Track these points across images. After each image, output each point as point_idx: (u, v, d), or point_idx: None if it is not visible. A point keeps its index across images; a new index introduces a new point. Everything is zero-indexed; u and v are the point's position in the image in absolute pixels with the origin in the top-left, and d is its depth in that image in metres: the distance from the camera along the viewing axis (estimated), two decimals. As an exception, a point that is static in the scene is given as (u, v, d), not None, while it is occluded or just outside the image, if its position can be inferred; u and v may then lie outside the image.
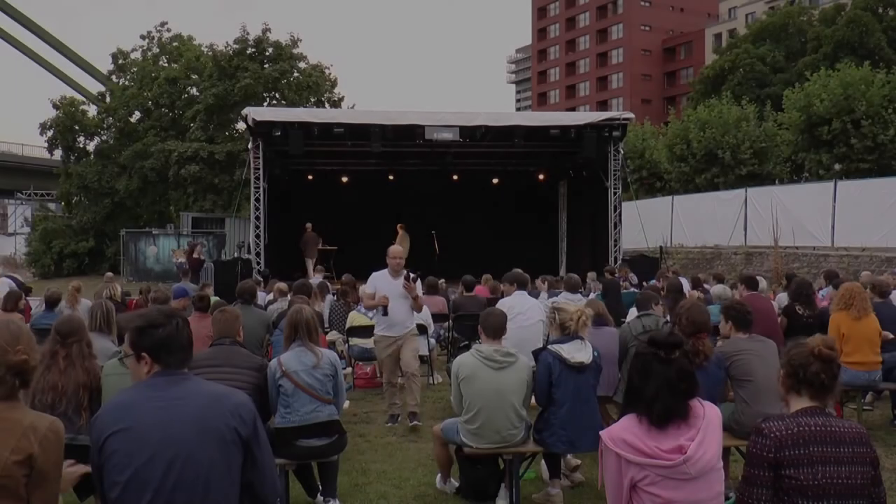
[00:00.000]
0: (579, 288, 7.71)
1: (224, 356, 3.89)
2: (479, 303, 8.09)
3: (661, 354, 2.20)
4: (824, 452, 2.10)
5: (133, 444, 1.97)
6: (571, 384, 4.09)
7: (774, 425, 2.15)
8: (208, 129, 28.99)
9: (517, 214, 19.08)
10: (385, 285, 5.93)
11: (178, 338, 2.13)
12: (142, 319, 2.16)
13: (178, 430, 2.00)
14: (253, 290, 6.54)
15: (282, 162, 17.01)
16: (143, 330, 2.13)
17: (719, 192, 22.93)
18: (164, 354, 2.10)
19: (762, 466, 2.12)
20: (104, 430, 2.00)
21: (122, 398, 2.09)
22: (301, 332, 4.06)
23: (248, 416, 2.09)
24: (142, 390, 2.08)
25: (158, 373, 2.11)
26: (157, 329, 2.11)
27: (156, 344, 2.11)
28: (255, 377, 3.88)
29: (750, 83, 37.83)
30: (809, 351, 2.22)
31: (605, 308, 5.35)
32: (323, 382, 4.01)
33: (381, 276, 6.01)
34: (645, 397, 2.16)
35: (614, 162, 15.17)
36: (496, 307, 4.78)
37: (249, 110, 14.28)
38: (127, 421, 2.00)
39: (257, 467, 2.11)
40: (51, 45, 37.95)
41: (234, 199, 24.05)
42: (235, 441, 2.05)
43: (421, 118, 14.31)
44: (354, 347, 7.35)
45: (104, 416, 2.04)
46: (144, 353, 2.11)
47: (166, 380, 2.09)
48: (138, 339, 2.13)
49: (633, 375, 2.22)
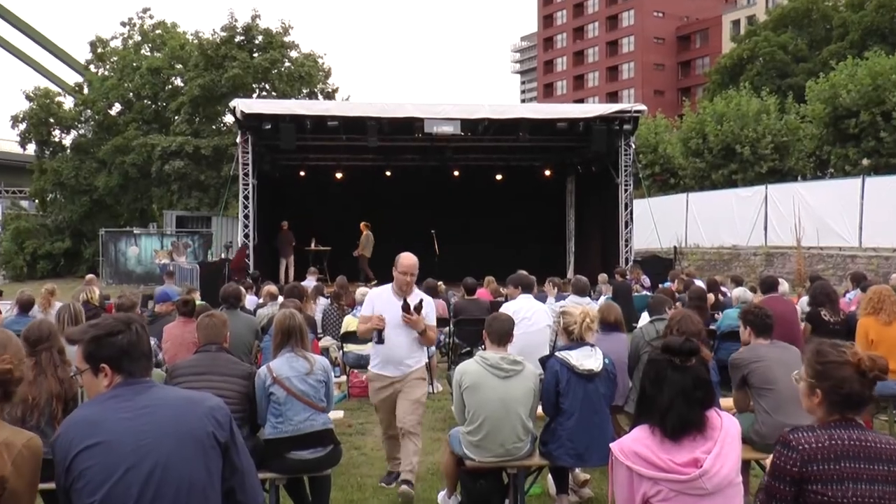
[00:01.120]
0: (588, 291, 7.71)
1: (209, 363, 3.89)
2: (482, 307, 8.09)
3: (675, 361, 2.19)
4: (857, 469, 2.06)
5: (105, 459, 1.95)
6: (580, 393, 4.08)
7: (803, 437, 2.12)
8: (194, 122, 29.02)
9: (522, 213, 19.08)
10: (387, 308, 4.66)
11: (139, 345, 2.11)
12: (97, 328, 2.14)
13: (152, 440, 1.99)
14: (238, 293, 6.54)
15: (272, 157, 17.01)
16: (100, 339, 2.10)
17: (738, 189, 22.93)
18: (126, 363, 2.09)
19: (785, 480, 2.10)
20: (70, 448, 1.97)
21: (85, 412, 2.07)
22: (293, 339, 4.07)
23: (224, 420, 2.09)
24: (106, 402, 2.06)
25: (121, 383, 2.09)
26: (117, 336, 2.09)
27: (117, 353, 2.09)
28: (242, 385, 3.88)
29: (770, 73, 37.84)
30: (854, 366, 2.13)
31: (620, 312, 5.34)
32: (317, 389, 4.02)
33: (383, 295, 4.79)
34: (658, 407, 2.16)
35: (625, 157, 15.17)
36: (502, 312, 4.78)
37: (238, 102, 14.29)
38: (95, 436, 1.97)
39: (237, 474, 2.11)
40: (23, 32, 37.95)
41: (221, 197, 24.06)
42: (214, 446, 2.05)
43: (420, 111, 14.32)
44: (349, 354, 7.35)
45: (68, 433, 2.00)
46: (104, 363, 2.09)
47: (131, 389, 2.07)
48: (96, 349, 2.10)
49: (646, 383, 2.22)
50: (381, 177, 18.46)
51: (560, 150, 17.80)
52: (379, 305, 4.72)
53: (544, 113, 15.29)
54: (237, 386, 3.85)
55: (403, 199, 18.30)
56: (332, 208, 18.00)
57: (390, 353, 4.69)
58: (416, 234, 17.27)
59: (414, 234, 17.49)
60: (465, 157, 18.16)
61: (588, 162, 17.33)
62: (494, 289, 9.92)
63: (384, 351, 4.69)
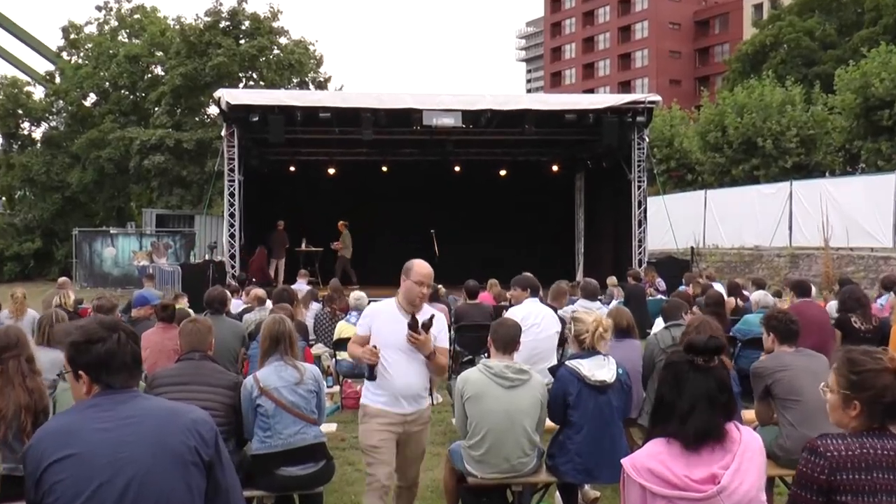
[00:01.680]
0: (598, 294, 7.72)
1: (192, 373, 3.89)
2: (484, 312, 8.10)
3: (698, 361, 2.18)
4: (891, 481, 2.06)
5: (78, 472, 1.96)
6: (591, 405, 4.09)
7: (832, 443, 2.12)
8: (175, 113, 29.06)
9: (527, 211, 19.08)
10: (390, 327, 3.95)
11: (119, 354, 2.11)
12: (79, 333, 2.15)
13: (129, 453, 1.99)
14: (223, 297, 6.55)
15: (260, 151, 17.01)
16: (79, 345, 2.11)
17: (760, 186, 22.96)
18: (104, 374, 2.09)
19: (811, 489, 2.10)
20: (42, 459, 1.97)
21: (60, 422, 2.09)
22: (282, 346, 4.07)
23: (208, 435, 2.09)
24: (83, 412, 2.07)
25: (100, 392, 2.10)
26: (96, 344, 2.09)
27: (94, 362, 2.09)
28: (228, 397, 3.88)
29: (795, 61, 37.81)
30: (894, 372, 2.13)
31: (632, 318, 5.35)
32: (308, 400, 4.02)
33: (385, 312, 4.03)
34: (678, 413, 2.15)
35: (638, 151, 15.18)
36: (508, 317, 4.78)
37: (223, 92, 14.31)
38: (69, 447, 1.98)
39: (222, 493, 2.11)
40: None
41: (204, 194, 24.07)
42: (196, 462, 2.05)
43: (418, 101, 14.33)
44: (343, 362, 7.35)
45: (41, 444, 2.01)
46: (82, 371, 2.10)
47: (111, 399, 2.08)
48: (75, 355, 2.12)
49: (664, 389, 2.21)
50: (377, 172, 18.47)
51: (568, 144, 17.80)
52: (379, 325, 3.98)
53: (551, 104, 15.30)
54: (222, 397, 3.85)
55: (400, 197, 18.30)
56: (324, 206, 18.01)
57: (403, 385, 3.93)
58: (415, 233, 17.28)
59: (412, 233, 17.51)
60: (466, 152, 18.16)
61: (598, 157, 17.33)
62: (498, 292, 9.92)
63: (393, 384, 3.92)
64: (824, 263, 17.07)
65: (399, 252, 21.43)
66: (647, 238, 15.48)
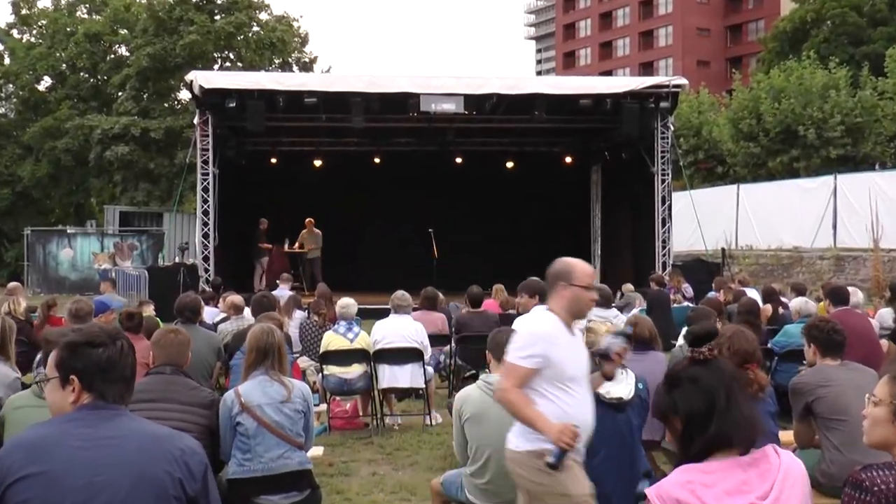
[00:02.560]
0: (611, 301, 7.73)
1: (162, 388, 3.89)
2: (489, 321, 8.10)
3: (703, 354, 2.19)
4: None
5: (45, 494, 1.96)
6: (607, 426, 4.07)
7: (879, 475, 2.08)
8: (141, 99, 29.10)
9: (537, 208, 19.11)
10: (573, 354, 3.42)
11: (120, 364, 2.14)
12: (78, 335, 2.18)
13: (106, 477, 2.00)
14: (196, 305, 6.57)
15: (237, 141, 17.03)
16: (76, 347, 2.14)
17: (800, 180, 22.97)
18: (99, 381, 2.11)
19: None
20: (7, 475, 1.98)
21: (32, 434, 2.09)
22: (269, 359, 4.09)
23: (197, 468, 2.10)
24: (61, 425, 2.08)
25: (88, 405, 2.11)
26: (97, 349, 2.12)
27: (92, 366, 2.11)
28: (203, 416, 3.88)
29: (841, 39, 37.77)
30: None
31: (654, 328, 5.36)
32: (294, 421, 4.03)
33: (557, 333, 3.40)
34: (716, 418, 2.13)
35: (662, 141, 15.21)
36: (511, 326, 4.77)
37: (195, 75, 14.34)
38: (38, 464, 1.99)
39: None
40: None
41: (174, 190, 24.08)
42: (179, 497, 2.06)
43: (415, 85, 14.36)
44: (330, 378, 7.36)
45: (8, 457, 2.02)
46: (74, 375, 2.12)
47: (96, 414, 2.09)
48: (69, 357, 2.13)
49: (690, 400, 2.19)
50: (369, 164, 18.50)
51: (583, 133, 17.81)
52: (561, 355, 3.31)
53: (564, 88, 15.33)
54: (196, 417, 3.86)
55: (395, 192, 18.32)
56: (309, 203, 18.01)
57: (585, 423, 3.43)
58: (411, 233, 17.31)
59: (408, 233, 17.56)
60: (469, 141, 18.17)
61: (617, 147, 17.35)
62: (504, 299, 9.93)
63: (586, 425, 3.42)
64: (874, 267, 17.08)
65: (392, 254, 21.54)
66: (671, 238, 15.50)
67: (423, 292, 8.72)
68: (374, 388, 7.39)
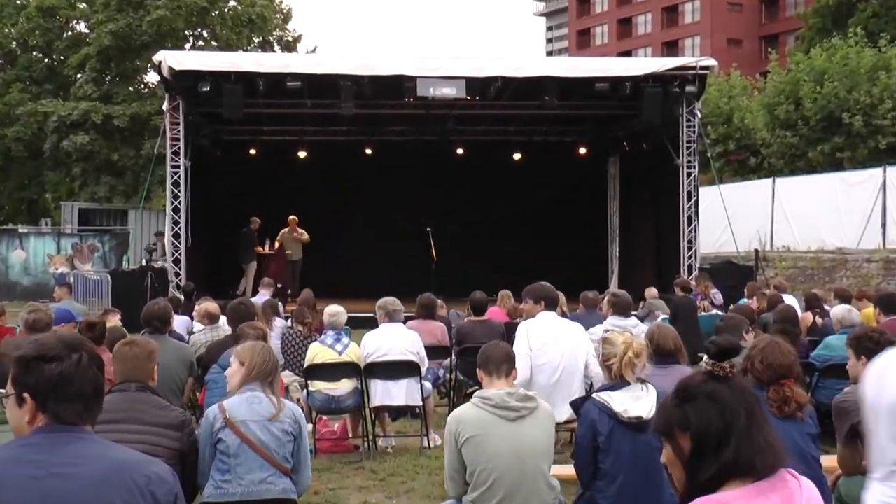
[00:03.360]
0: (630, 308, 7.74)
1: (126, 408, 3.89)
2: (494, 331, 8.12)
3: (724, 369, 2.19)
4: None
5: None
6: (626, 448, 4.11)
7: None
8: (103, 82, 29.11)
9: (548, 205, 19.12)
10: None
11: (76, 380, 2.11)
12: (30, 347, 2.16)
13: None
14: (166, 313, 6.58)
15: (212, 129, 17.05)
16: (28, 362, 2.12)
17: (844, 173, 22.93)
18: (52, 401, 2.09)
19: None
20: None
21: None
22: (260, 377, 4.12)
23: (165, 497, 2.10)
24: (16, 450, 2.07)
25: (43, 427, 2.10)
26: (50, 364, 2.10)
27: (44, 383, 2.10)
28: (173, 439, 3.88)
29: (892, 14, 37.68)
30: None
31: (679, 339, 5.38)
32: (281, 442, 4.04)
33: None
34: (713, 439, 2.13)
35: (688, 130, 15.23)
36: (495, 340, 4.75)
37: (165, 55, 14.36)
38: None
39: None
40: None
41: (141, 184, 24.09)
42: None
43: (411, 67, 14.38)
44: (316, 395, 7.36)
45: None
46: (27, 393, 2.11)
47: (52, 438, 2.08)
48: (22, 373, 2.12)
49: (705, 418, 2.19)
50: (359, 156, 18.50)
51: (599, 121, 17.83)
52: None
53: (578, 70, 15.35)
54: (165, 439, 3.86)
55: (389, 187, 18.34)
56: (292, 198, 18.04)
57: None
58: (407, 232, 17.32)
59: (403, 232, 17.56)
60: (471, 130, 18.18)
61: (637, 136, 17.36)
62: (512, 307, 9.93)
63: None
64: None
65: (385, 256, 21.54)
66: (698, 238, 15.51)
67: (419, 299, 8.73)
68: (365, 406, 7.39)
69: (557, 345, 6.14)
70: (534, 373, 6.04)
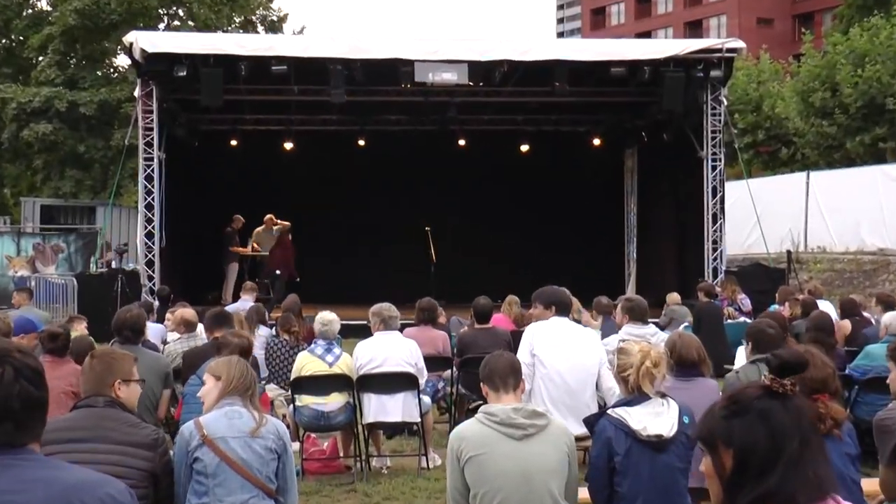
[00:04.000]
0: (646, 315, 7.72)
1: (92, 425, 3.88)
2: (500, 340, 8.11)
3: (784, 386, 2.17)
4: None
5: None
6: (645, 470, 4.11)
7: None
8: (68, 65, 29.12)
9: (559, 201, 19.11)
10: None
11: (1, 396, 2.06)
12: None
13: None
14: (139, 322, 6.58)
15: (188, 118, 17.05)
16: None
17: (887, 166, 22.94)
18: None
19: None
20: None
21: None
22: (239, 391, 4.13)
23: None
24: None
25: None
26: None
27: None
28: (144, 459, 3.87)
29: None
30: None
31: (702, 348, 5.38)
32: (264, 460, 4.04)
33: None
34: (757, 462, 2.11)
35: (713, 119, 15.23)
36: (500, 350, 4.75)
37: (136, 36, 14.36)
38: None
39: None
40: None
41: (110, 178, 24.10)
42: None
43: (408, 50, 14.38)
44: (304, 410, 7.36)
45: None
46: None
47: None
48: None
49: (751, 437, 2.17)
50: (351, 147, 18.49)
51: (615, 109, 17.83)
52: None
53: (592, 53, 15.33)
54: (136, 459, 3.85)
55: (384, 181, 18.35)
56: (277, 194, 18.05)
57: None
58: (403, 231, 17.32)
59: (399, 232, 17.56)
60: (474, 119, 18.18)
61: (657, 126, 17.37)
62: (518, 314, 9.92)
63: None
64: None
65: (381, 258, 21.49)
66: (724, 239, 15.51)
67: (418, 304, 8.71)
68: (357, 422, 7.39)
69: (567, 352, 6.14)
70: (539, 383, 6.04)
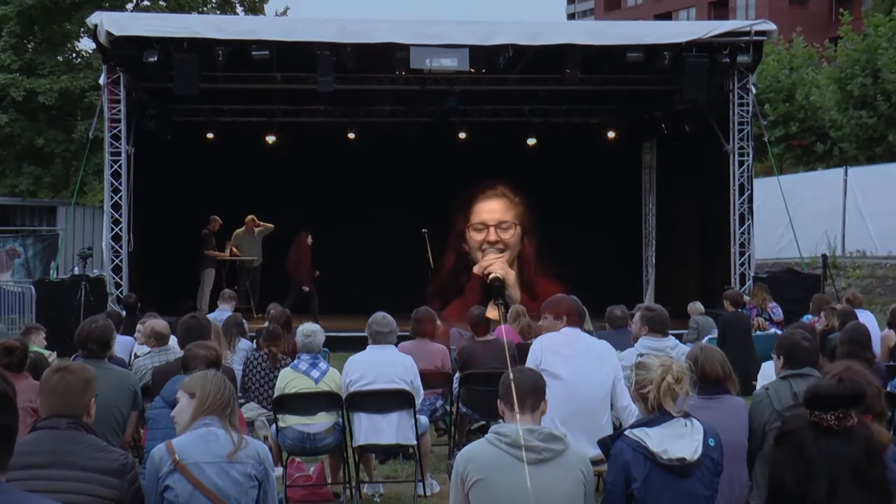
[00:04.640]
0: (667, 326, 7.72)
1: (53, 449, 3.89)
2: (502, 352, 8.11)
3: (828, 421, 2.17)
4: None
5: None
6: (667, 497, 4.09)
7: None
8: (25, 49, 29.08)
9: (570, 199, 19.13)
10: None
11: None
12: None
13: None
14: (106, 334, 6.57)
15: (160, 109, 17.06)
16: None
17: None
18: None
19: None
20: None
21: None
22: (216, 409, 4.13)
23: None
24: None
25: None
26: None
27: None
28: (110, 486, 3.88)
29: None
30: None
31: (728, 363, 5.38)
32: (242, 488, 4.05)
33: None
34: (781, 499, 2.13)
35: (740, 109, 15.23)
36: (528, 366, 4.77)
37: (102, 18, 14.33)
38: None
39: None
40: None
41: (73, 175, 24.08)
42: None
43: (404, 33, 14.37)
44: (287, 432, 7.36)
45: None
46: None
47: None
48: None
49: (783, 472, 2.19)
50: (341, 141, 18.53)
51: (632, 98, 17.84)
52: None
53: (606, 36, 15.33)
54: (102, 487, 3.86)
55: (376, 178, 18.36)
56: (259, 192, 18.07)
57: None
58: (399, 233, 17.32)
59: (394, 234, 17.56)
60: (476, 110, 18.21)
61: (678, 117, 17.40)
62: (525, 325, 9.93)
63: None
64: None
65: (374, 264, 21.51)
66: (752, 241, 15.51)
67: (414, 314, 8.71)
68: (347, 445, 7.39)
69: (579, 366, 6.15)
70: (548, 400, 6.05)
